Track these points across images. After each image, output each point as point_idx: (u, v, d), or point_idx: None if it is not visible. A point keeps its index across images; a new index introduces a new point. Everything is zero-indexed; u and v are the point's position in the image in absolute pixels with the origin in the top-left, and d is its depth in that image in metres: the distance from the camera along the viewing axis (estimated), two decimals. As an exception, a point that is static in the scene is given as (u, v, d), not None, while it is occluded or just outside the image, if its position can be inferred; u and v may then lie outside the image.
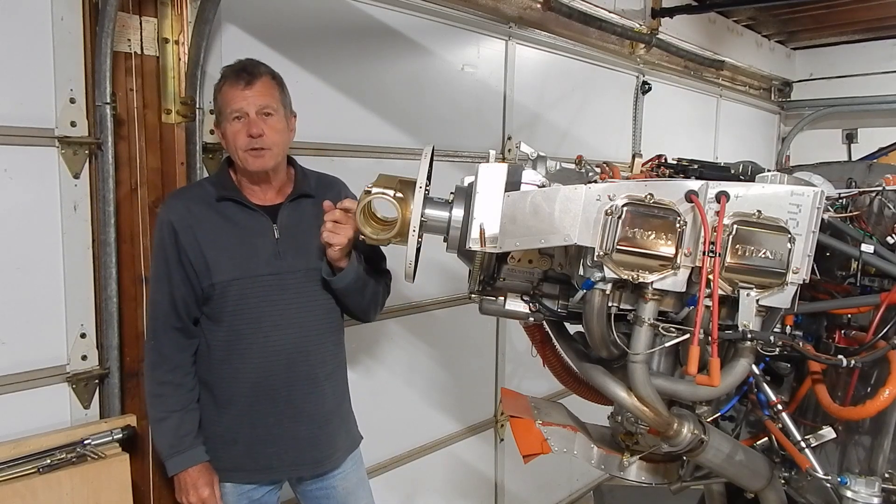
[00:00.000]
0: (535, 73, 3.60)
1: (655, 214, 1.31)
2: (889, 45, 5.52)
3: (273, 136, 1.87)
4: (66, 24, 1.95)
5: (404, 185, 1.60)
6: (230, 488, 1.98)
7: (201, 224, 1.88)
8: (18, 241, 1.92)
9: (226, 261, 1.88)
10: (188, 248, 1.87)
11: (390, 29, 2.84)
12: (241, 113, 1.86)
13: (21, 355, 1.94)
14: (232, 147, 1.89)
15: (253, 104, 1.86)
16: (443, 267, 2.89)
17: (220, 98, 1.91)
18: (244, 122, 1.86)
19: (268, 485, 2.04)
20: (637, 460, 1.65)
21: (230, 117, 1.87)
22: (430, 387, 3.22)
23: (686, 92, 4.87)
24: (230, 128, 1.87)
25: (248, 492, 2.00)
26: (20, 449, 1.86)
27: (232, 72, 1.90)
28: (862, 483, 1.43)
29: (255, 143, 1.85)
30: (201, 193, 1.95)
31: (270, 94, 1.90)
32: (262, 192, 1.97)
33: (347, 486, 2.12)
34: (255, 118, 1.85)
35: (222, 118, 1.91)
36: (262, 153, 1.87)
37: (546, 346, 1.72)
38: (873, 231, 1.55)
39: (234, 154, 1.90)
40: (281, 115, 1.91)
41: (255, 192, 1.96)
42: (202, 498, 1.90)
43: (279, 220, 1.94)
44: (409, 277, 1.58)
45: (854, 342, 1.51)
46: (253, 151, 1.86)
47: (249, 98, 1.86)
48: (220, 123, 1.93)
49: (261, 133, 1.85)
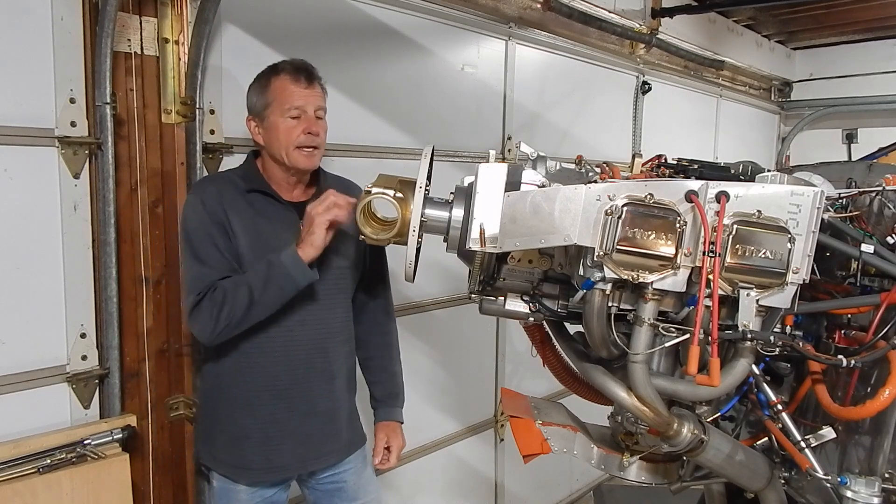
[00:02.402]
0: (535, 73, 3.60)
1: (655, 214, 1.31)
2: (889, 45, 5.52)
3: (323, 136, 1.93)
4: (66, 24, 1.95)
5: (404, 185, 1.60)
6: (242, 486, 1.97)
7: (233, 210, 1.87)
8: (18, 241, 1.92)
9: (256, 251, 1.87)
10: (225, 228, 1.85)
11: (390, 29, 2.84)
12: (301, 110, 1.88)
13: (21, 355, 1.94)
14: (282, 142, 1.88)
15: (312, 103, 1.90)
16: (443, 267, 2.89)
17: (272, 90, 1.89)
18: (302, 120, 1.88)
19: (279, 483, 2.04)
20: (637, 460, 1.65)
21: (286, 113, 1.87)
22: (430, 387, 3.22)
23: (686, 92, 4.87)
24: (285, 123, 1.87)
25: (260, 490, 1.99)
26: (20, 449, 1.86)
27: (292, 68, 1.90)
28: (862, 483, 1.43)
29: (311, 140, 1.89)
30: (231, 182, 1.94)
31: (323, 97, 1.96)
32: (290, 188, 1.98)
33: (358, 481, 2.13)
34: (313, 117, 1.90)
35: (271, 112, 1.88)
36: (314, 153, 1.91)
37: (546, 346, 1.72)
38: (873, 231, 1.55)
39: (281, 150, 1.88)
40: (325, 120, 1.96)
41: (283, 188, 1.97)
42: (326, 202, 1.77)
43: None
44: (409, 277, 1.58)
45: (854, 342, 1.51)
46: (306, 150, 1.89)
47: (310, 97, 1.89)
48: (262, 117, 1.91)
49: (318, 132, 1.90)
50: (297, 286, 1.81)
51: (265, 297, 1.79)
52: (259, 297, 1.78)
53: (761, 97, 5.85)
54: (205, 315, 1.80)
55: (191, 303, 1.83)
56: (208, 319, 1.80)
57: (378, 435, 2.16)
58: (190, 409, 2.29)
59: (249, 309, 1.79)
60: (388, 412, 2.20)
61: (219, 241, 1.84)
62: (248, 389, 1.92)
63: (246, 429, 1.94)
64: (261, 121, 1.92)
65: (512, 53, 3.41)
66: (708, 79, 5.02)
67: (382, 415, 2.20)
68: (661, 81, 4.53)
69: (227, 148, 2.31)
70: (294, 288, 1.81)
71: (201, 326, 1.82)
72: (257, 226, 1.90)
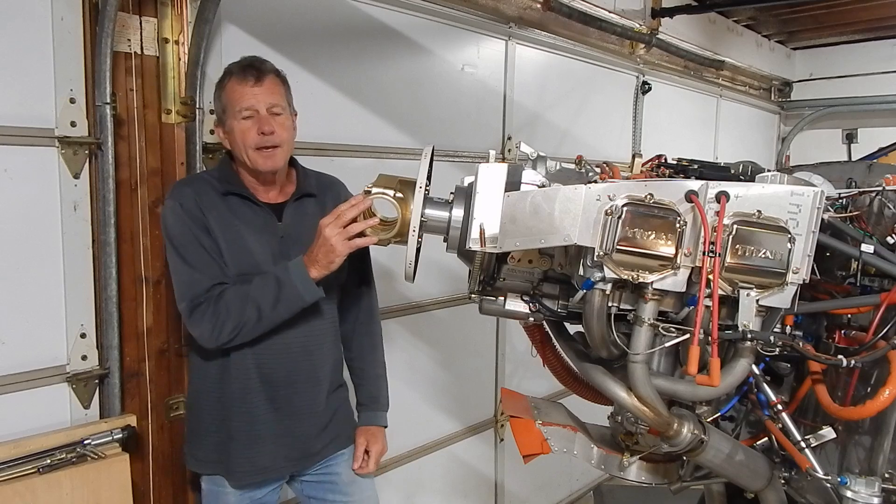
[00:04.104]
0: (535, 73, 3.60)
1: (655, 214, 1.31)
2: (889, 45, 5.52)
3: (282, 133, 1.87)
4: (66, 24, 1.95)
5: (404, 185, 1.60)
6: (230, 489, 1.97)
7: (211, 213, 1.85)
8: (18, 241, 1.92)
9: (234, 254, 1.86)
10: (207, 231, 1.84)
11: (390, 29, 2.84)
12: (252, 111, 1.84)
13: (21, 355, 1.94)
14: (240, 146, 1.86)
15: (263, 102, 1.84)
16: (443, 267, 2.89)
17: (225, 95, 1.88)
18: (254, 120, 1.84)
19: (268, 484, 2.03)
20: (637, 460, 1.65)
21: (239, 115, 1.84)
22: (430, 387, 3.22)
23: (686, 92, 4.87)
24: (239, 126, 1.84)
25: (249, 492, 1.99)
26: (20, 449, 1.86)
27: (239, 69, 1.87)
28: (862, 483, 1.42)
29: (266, 140, 1.83)
30: (207, 185, 1.91)
31: (278, 91, 1.89)
32: (266, 190, 1.96)
33: (350, 475, 2.12)
34: (266, 116, 1.84)
35: (227, 116, 1.87)
36: (273, 152, 1.85)
37: (546, 346, 1.72)
38: (873, 231, 1.55)
39: (243, 153, 1.86)
40: (287, 114, 1.91)
41: (259, 190, 1.95)
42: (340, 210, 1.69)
43: (284, 219, 1.94)
44: (410, 277, 1.58)
45: (854, 342, 1.51)
46: (264, 151, 1.84)
47: (259, 95, 1.84)
48: (223, 122, 1.90)
49: (273, 130, 1.83)
50: (306, 305, 1.82)
51: (275, 314, 1.81)
52: (269, 314, 1.80)
53: (761, 97, 5.85)
54: (206, 324, 1.80)
55: (185, 309, 1.83)
56: (210, 329, 1.80)
57: (358, 440, 2.14)
58: (190, 409, 2.29)
59: (258, 323, 1.81)
60: (368, 417, 2.18)
61: (204, 241, 1.83)
62: (233, 391, 1.91)
63: (230, 430, 1.93)
64: (223, 126, 1.91)
65: (512, 53, 3.41)
66: (708, 79, 5.02)
67: (363, 419, 2.18)
68: (661, 81, 4.53)
69: (227, 148, 2.31)
70: (303, 306, 1.82)
71: (201, 332, 1.83)
72: (235, 229, 1.87)
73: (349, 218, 1.67)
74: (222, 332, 1.80)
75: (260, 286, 1.79)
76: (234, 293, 1.81)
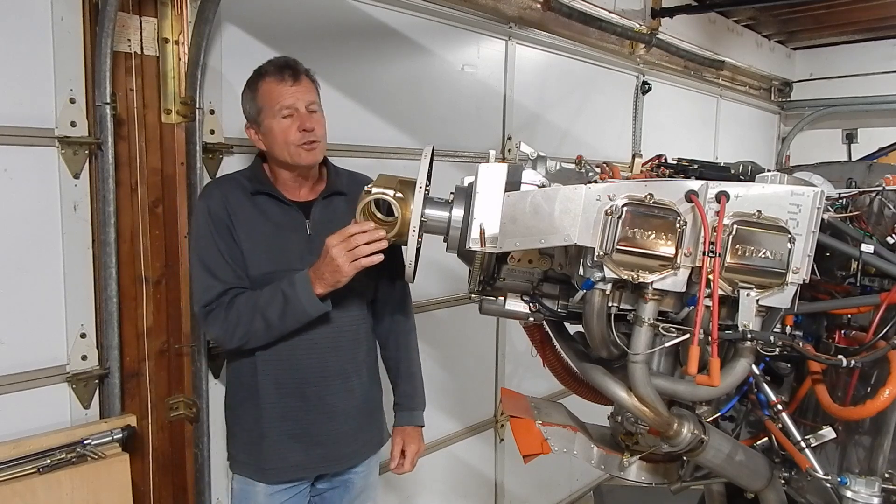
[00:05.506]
0: (535, 73, 3.60)
1: (655, 214, 1.31)
2: (889, 45, 5.52)
3: (320, 130, 1.92)
4: (66, 24, 1.95)
5: (404, 185, 1.60)
6: (261, 488, 1.97)
7: (237, 215, 1.90)
8: (18, 241, 1.92)
9: (260, 254, 1.90)
10: (230, 234, 1.89)
11: (390, 29, 2.84)
12: (293, 109, 1.88)
13: (21, 355, 1.94)
14: (281, 143, 1.88)
15: (302, 100, 1.89)
16: (443, 267, 2.89)
17: (260, 96, 1.89)
18: (294, 118, 1.87)
19: (296, 481, 2.02)
20: (637, 460, 1.65)
21: (279, 114, 1.87)
22: (430, 387, 3.17)
23: (686, 92, 4.87)
24: (279, 124, 1.87)
25: (279, 492, 1.99)
26: (20, 449, 1.86)
27: (275, 69, 1.90)
28: (862, 483, 1.42)
29: (309, 136, 1.88)
30: (237, 185, 1.95)
31: (313, 90, 1.95)
32: (297, 188, 1.98)
33: (366, 482, 2.14)
34: (306, 113, 1.89)
35: (265, 116, 1.89)
36: (314, 146, 1.90)
37: (546, 346, 1.72)
38: (873, 231, 1.55)
39: (284, 150, 1.89)
40: (321, 112, 1.96)
41: (290, 189, 1.97)
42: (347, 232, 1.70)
43: (312, 217, 1.96)
44: (410, 277, 1.58)
45: (854, 342, 1.51)
46: (307, 145, 1.88)
47: (298, 94, 1.89)
48: (258, 123, 1.92)
49: (313, 127, 1.89)
50: (312, 318, 1.86)
51: (282, 325, 1.86)
52: (277, 325, 1.85)
53: (761, 97, 5.85)
54: (218, 329, 1.89)
55: (199, 312, 1.91)
56: (222, 333, 1.89)
57: (395, 439, 2.16)
58: (190, 409, 2.29)
59: (268, 332, 1.87)
60: (404, 416, 2.19)
61: (223, 247, 1.88)
62: (263, 388, 1.93)
63: (261, 427, 1.95)
64: (258, 127, 1.93)
65: (512, 53, 3.41)
66: (708, 79, 5.02)
67: (400, 419, 2.20)
68: (661, 81, 4.53)
69: (227, 148, 2.31)
70: (308, 319, 1.86)
71: (216, 335, 1.97)
72: (263, 228, 1.91)
73: (358, 243, 1.68)
74: (233, 338, 1.87)
75: (268, 298, 1.84)
76: (245, 302, 1.86)
